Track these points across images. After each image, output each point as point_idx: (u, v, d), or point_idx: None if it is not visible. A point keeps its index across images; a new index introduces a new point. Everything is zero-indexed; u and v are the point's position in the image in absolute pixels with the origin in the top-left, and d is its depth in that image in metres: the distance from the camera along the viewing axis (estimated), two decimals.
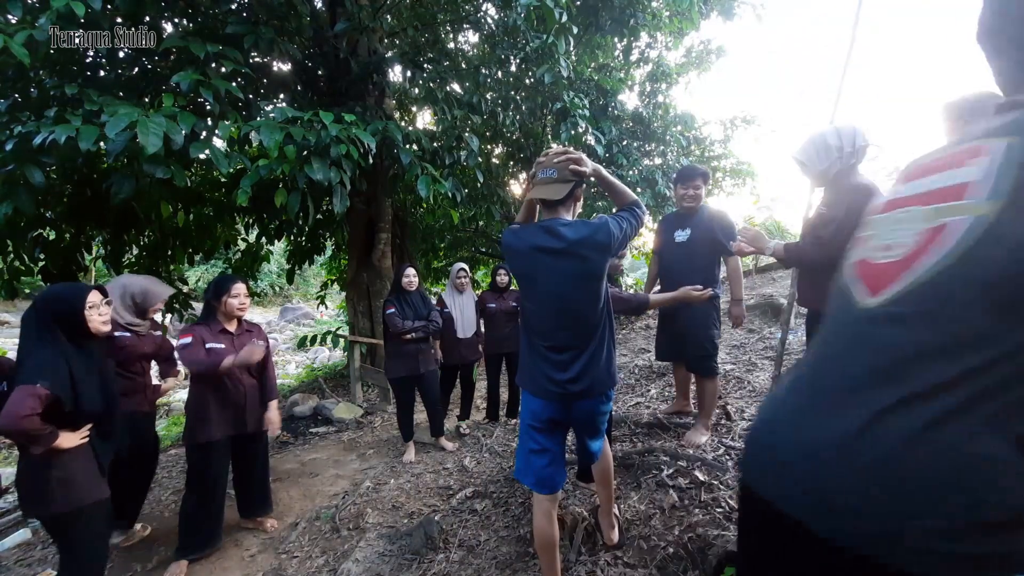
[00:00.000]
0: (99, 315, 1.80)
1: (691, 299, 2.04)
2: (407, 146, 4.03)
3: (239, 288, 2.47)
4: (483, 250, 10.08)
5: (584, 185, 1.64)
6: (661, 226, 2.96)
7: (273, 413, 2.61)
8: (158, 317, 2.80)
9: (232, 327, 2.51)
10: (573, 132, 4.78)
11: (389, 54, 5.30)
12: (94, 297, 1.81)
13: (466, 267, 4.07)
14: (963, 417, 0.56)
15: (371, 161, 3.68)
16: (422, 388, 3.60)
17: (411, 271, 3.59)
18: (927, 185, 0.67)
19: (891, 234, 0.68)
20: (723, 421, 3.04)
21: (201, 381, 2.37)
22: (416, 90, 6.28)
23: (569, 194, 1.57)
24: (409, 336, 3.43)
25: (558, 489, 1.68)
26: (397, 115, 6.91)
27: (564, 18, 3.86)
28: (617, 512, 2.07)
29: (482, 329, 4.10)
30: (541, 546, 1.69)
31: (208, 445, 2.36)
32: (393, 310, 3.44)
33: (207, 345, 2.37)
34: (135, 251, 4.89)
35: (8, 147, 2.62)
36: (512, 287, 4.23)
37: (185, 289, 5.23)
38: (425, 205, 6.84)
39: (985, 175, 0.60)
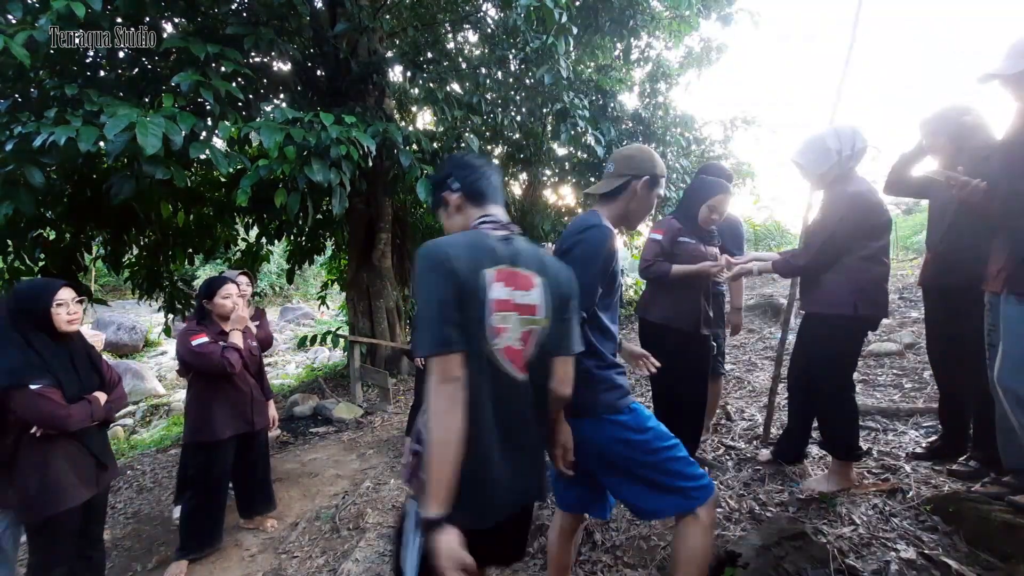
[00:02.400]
0: (67, 313, 1.77)
1: (708, 273, 2.12)
2: (407, 147, 4.03)
3: (229, 289, 2.44)
4: None
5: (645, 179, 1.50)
6: None
7: (272, 410, 2.71)
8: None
9: (228, 328, 2.50)
10: (573, 132, 4.78)
11: (389, 54, 5.30)
12: (64, 294, 1.77)
13: None
14: None
15: (370, 163, 3.69)
16: None
17: None
18: (521, 298, 1.10)
19: (516, 332, 1.09)
20: (723, 421, 3.05)
21: (211, 380, 2.35)
22: (416, 90, 6.27)
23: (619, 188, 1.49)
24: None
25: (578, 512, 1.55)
26: (397, 115, 6.90)
27: (564, 19, 3.86)
28: None
29: None
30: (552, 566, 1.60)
31: (213, 444, 2.36)
32: None
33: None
34: (135, 251, 4.89)
35: (8, 148, 2.62)
36: None
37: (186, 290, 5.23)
38: (425, 206, 6.84)
39: (540, 301, 1.12)
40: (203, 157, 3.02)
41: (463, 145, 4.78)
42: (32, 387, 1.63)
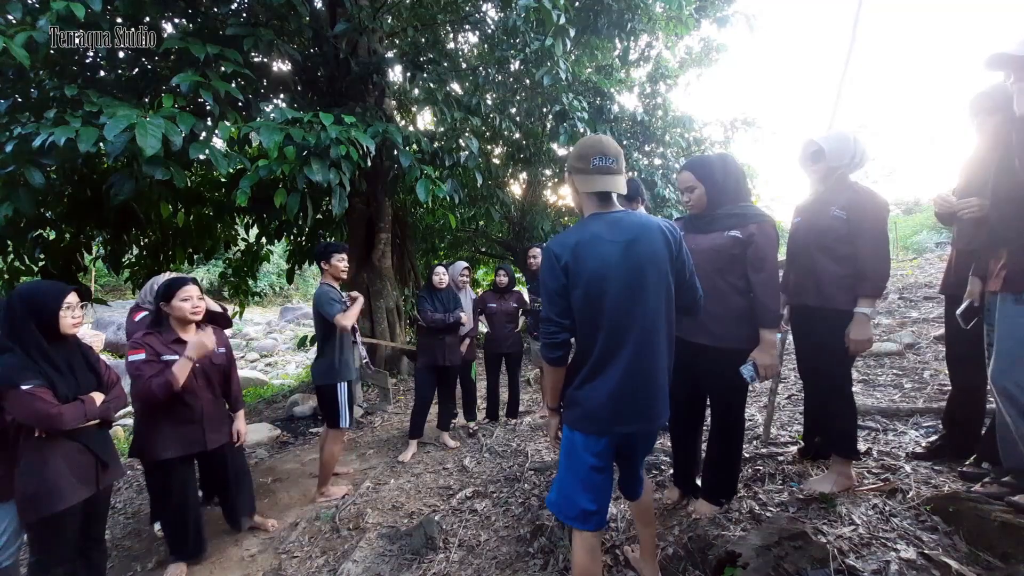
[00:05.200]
0: (72, 317, 1.80)
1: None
2: (407, 148, 4.03)
3: (190, 290, 2.22)
4: (483, 250, 10.09)
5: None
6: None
7: (240, 423, 2.46)
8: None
9: (188, 335, 2.24)
10: (572, 133, 4.79)
11: (389, 54, 5.31)
12: (71, 298, 1.81)
13: (469, 266, 4.10)
14: None
15: (370, 163, 3.69)
16: (443, 380, 3.71)
17: (440, 269, 3.74)
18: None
19: None
20: None
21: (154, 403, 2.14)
22: (416, 91, 6.28)
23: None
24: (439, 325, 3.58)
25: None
26: (397, 115, 6.91)
27: (561, 20, 3.86)
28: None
29: (482, 328, 4.11)
30: None
31: (163, 464, 2.19)
32: (424, 302, 3.63)
33: (162, 358, 2.12)
34: (135, 251, 4.89)
35: (8, 148, 2.62)
36: (514, 288, 4.24)
37: None
38: (425, 206, 6.87)
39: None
40: (203, 157, 3.02)
41: (463, 145, 4.79)
42: (23, 387, 1.64)
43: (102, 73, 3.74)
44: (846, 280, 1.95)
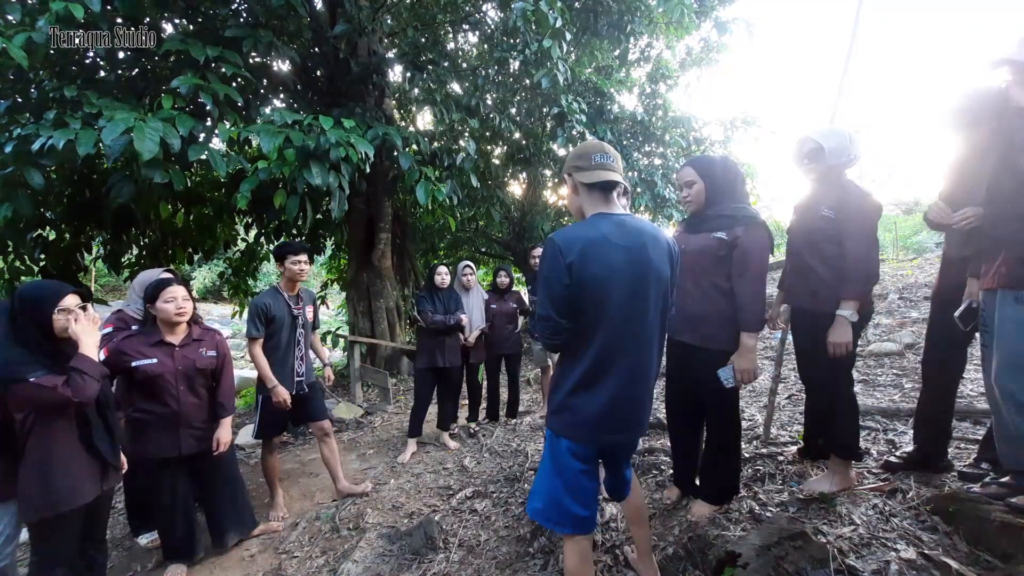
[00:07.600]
0: (66, 320, 1.73)
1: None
2: (407, 149, 4.03)
3: (174, 291, 2.18)
4: (483, 250, 10.09)
5: None
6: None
7: (223, 431, 2.32)
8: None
9: (176, 337, 2.21)
10: (571, 135, 4.79)
11: (389, 55, 5.31)
12: (68, 301, 1.74)
13: (471, 264, 4.06)
14: None
15: (368, 167, 3.69)
16: (443, 382, 3.71)
17: (443, 268, 3.71)
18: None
19: None
20: None
21: (139, 391, 2.14)
22: (416, 91, 6.29)
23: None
24: (436, 327, 3.54)
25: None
26: (397, 115, 6.90)
27: (558, 23, 3.86)
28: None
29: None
30: None
31: (146, 465, 2.18)
32: (425, 303, 3.60)
33: (135, 363, 2.09)
34: (135, 251, 4.90)
35: (7, 149, 2.62)
36: (514, 288, 4.24)
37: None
38: (424, 207, 6.88)
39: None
40: (202, 158, 3.02)
41: (462, 146, 4.79)
42: (31, 379, 1.62)
43: (102, 74, 3.74)
44: (834, 282, 1.92)
